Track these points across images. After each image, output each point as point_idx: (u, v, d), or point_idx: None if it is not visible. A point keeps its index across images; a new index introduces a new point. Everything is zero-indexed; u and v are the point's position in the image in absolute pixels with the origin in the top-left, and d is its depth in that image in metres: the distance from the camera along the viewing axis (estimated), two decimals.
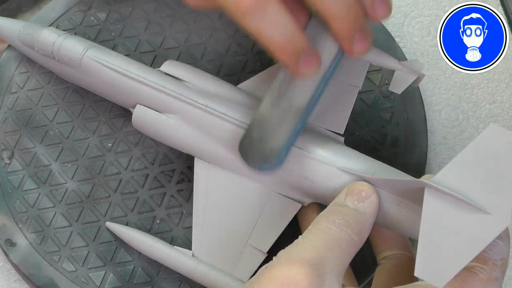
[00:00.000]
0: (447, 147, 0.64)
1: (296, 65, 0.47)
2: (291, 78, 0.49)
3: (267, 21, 0.45)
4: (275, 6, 0.44)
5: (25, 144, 0.61)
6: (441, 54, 0.62)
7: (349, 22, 0.47)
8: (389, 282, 0.48)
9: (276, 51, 0.46)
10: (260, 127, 0.50)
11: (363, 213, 0.45)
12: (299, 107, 0.49)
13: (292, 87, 0.49)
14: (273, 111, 0.49)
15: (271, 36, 0.45)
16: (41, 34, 0.59)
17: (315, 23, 0.49)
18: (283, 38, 0.45)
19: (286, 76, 0.50)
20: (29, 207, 0.59)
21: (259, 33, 0.45)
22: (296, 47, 0.46)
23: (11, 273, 0.60)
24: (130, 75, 0.56)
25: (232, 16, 0.45)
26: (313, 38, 0.49)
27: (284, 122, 0.49)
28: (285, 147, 0.49)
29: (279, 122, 0.49)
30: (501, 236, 0.42)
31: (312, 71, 0.48)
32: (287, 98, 0.49)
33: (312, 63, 0.47)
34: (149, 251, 0.56)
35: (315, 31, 0.49)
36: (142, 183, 0.60)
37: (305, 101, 0.49)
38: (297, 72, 0.47)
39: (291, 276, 0.40)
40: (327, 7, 0.46)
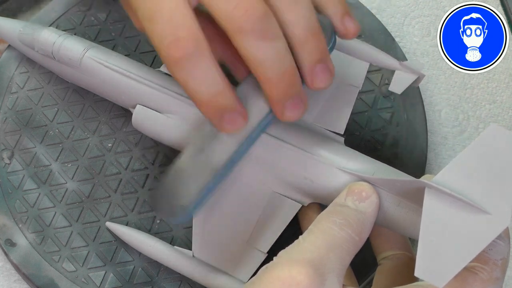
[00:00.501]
0: (447, 147, 0.64)
1: (220, 121, 0.46)
2: (215, 133, 0.48)
3: (195, 76, 0.44)
4: (205, 62, 0.44)
5: (25, 144, 0.61)
6: (441, 54, 0.63)
7: (282, 88, 0.45)
8: (390, 282, 0.48)
9: (200, 105, 0.45)
10: (174, 178, 0.48)
11: (364, 213, 0.45)
12: (216, 166, 0.47)
13: (214, 143, 0.48)
14: (190, 165, 0.48)
15: (196, 91, 0.44)
16: (41, 34, 0.59)
17: (251, 80, 0.47)
18: (209, 94, 0.45)
19: (210, 129, 0.48)
20: (29, 207, 0.59)
21: (186, 85, 0.44)
22: (221, 105, 0.45)
23: (11, 273, 0.60)
24: (130, 75, 0.56)
25: (163, 61, 0.44)
26: (246, 94, 0.48)
27: (197, 178, 0.47)
28: (194, 205, 0.48)
29: (193, 178, 0.47)
30: (501, 236, 0.42)
31: (237, 129, 0.46)
32: (206, 154, 0.48)
33: (237, 121, 0.46)
34: (149, 251, 0.56)
35: (250, 88, 0.48)
36: (142, 183, 0.60)
37: (223, 161, 0.47)
38: (221, 128, 0.46)
39: (292, 276, 0.40)
40: (261, 69, 0.45)
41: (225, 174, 0.48)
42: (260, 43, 0.44)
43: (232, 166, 0.48)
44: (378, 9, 0.67)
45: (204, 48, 0.43)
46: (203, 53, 0.44)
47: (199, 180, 0.47)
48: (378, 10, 0.67)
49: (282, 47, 0.44)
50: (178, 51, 0.43)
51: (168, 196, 0.48)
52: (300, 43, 0.45)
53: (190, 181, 0.47)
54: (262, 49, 0.44)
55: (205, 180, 0.47)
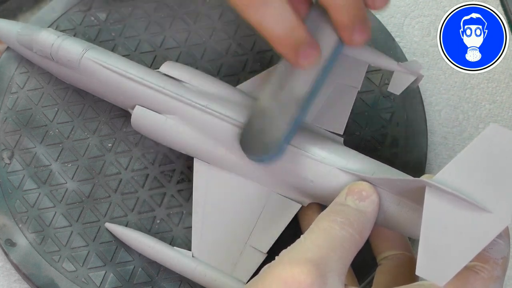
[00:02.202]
0: (447, 147, 0.64)
1: (296, 57, 0.47)
2: (291, 70, 0.50)
3: (269, 14, 0.45)
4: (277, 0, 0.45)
5: (25, 144, 0.61)
6: (441, 54, 0.62)
7: (350, 13, 0.47)
8: (390, 282, 0.48)
9: (276, 43, 0.47)
10: (260, 118, 0.50)
11: (364, 212, 0.45)
12: (299, 99, 0.49)
13: (292, 78, 0.50)
14: (273, 103, 0.50)
15: (272, 29, 0.46)
16: (40, 36, 0.59)
17: (315, 13, 0.49)
18: (284, 31, 0.46)
19: (286, 67, 0.50)
20: (29, 207, 0.59)
21: (261, 25, 0.46)
22: (297, 40, 0.47)
23: (11, 273, 0.60)
24: (129, 76, 0.56)
25: (235, 7, 0.45)
26: (313, 29, 0.49)
27: (284, 113, 0.49)
28: (285, 138, 0.49)
29: (279, 113, 0.49)
30: (501, 235, 0.42)
31: (312, 63, 0.48)
32: (287, 90, 0.50)
33: (312, 55, 0.48)
34: (149, 252, 0.56)
35: (315, 22, 0.49)
36: (142, 183, 0.60)
37: (304, 93, 0.49)
38: (297, 64, 0.48)
39: (293, 275, 0.40)
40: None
41: (307, 106, 0.50)
42: None
43: (312, 99, 0.50)
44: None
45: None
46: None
47: (286, 114, 0.49)
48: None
49: None
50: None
51: (258, 135, 0.50)
52: None
53: (277, 116, 0.49)
54: None
55: (291, 112, 0.49)
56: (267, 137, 0.49)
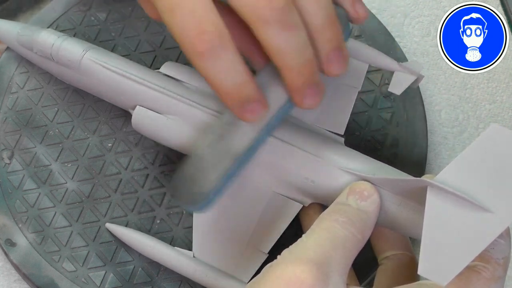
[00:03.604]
0: (447, 147, 0.64)
1: (240, 111, 0.46)
2: (234, 121, 0.48)
3: (218, 68, 0.44)
4: (229, 54, 0.44)
5: (25, 144, 0.61)
6: (441, 54, 0.63)
7: (303, 77, 0.46)
8: (391, 282, 0.48)
9: (222, 96, 0.46)
10: (192, 166, 0.48)
11: (366, 211, 0.45)
12: (236, 153, 0.48)
13: (233, 130, 0.48)
14: (209, 152, 0.48)
15: (219, 82, 0.45)
16: (40, 36, 0.59)
17: (269, 69, 0.48)
18: (232, 86, 0.45)
19: (229, 118, 0.48)
20: (29, 207, 0.59)
21: (209, 77, 0.45)
22: (244, 96, 0.45)
23: (11, 273, 0.60)
24: (129, 76, 0.55)
25: (186, 55, 0.44)
26: (265, 83, 0.48)
27: (217, 165, 0.48)
28: (213, 192, 0.48)
29: (213, 165, 0.48)
30: (503, 235, 0.42)
31: (256, 119, 0.47)
32: (225, 142, 0.48)
33: (257, 111, 0.46)
34: (149, 252, 0.56)
35: (268, 77, 0.48)
36: (142, 183, 0.60)
37: (243, 148, 0.48)
38: (240, 117, 0.47)
39: (296, 275, 0.40)
40: (283, 58, 0.45)
41: (245, 161, 0.48)
42: (283, 33, 0.44)
43: (251, 154, 0.49)
44: (378, 9, 0.68)
45: (228, 40, 0.44)
46: (227, 45, 0.44)
47: (220, 167, 0.47)
48: (378, 10, 0.67)
49: (304, 36, 0.45)
50: (202, 44, 0.43)
51: (188, 183, 0.48)
52: (318, 32, 0.46)
53: (210, 168, 0.47)
54: (284, 39, 0.44)
55: (226, 166, 0.47)
56: (197, 187, 0.48)
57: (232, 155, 0.47)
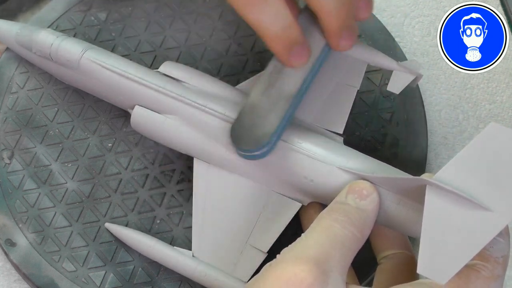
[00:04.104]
0: (447, 147, 0.64)
1: (288, 56, 0.48)
2: (281, 69, 0.51)
3: (266, 13, 0.46)
4: None
5: (25, 144, 0.61)
6: (441, 54, 0.62)
7: (340, 20, 0.48)
8: (390, 281, 0.48)
9: (271, 41, 0.48)
10: (251, 113, 0.51)
11: (365, 210, 0.45)
12: (288, 96, 0.50)
13: (282, 77, 0.51)
14: (263, 99, 0.51)
15: (268, 27, 0.47)
16: (39, 36, 0.59)
17: (305, 16, 0.50)
18: (280, 30, 0.47)
19: (276, 67, 0.51)
20: (29, 207, 0.59)
21: (259, 23, 0.47)
22: (291, 39, 0.48)
23: (11, 273, 0.60)
24: (128, 76, 0.55)
25: (233, 5, 0.46)
26: (304, 29, 0.50)
27: (274, 109, 0.50)
28: (275, 133, 0.50)
29: (269, 109, 0.50)
30: (502, 234, 0.42)
31: (302, 63, 0.49)
32: (277, 87, 0.51)
33: (303, 55, 0.49)
34: (149, 252, 0.56)
35: (305, 24, 0.50)
36: (142, 183, 0.60)
37: (293, 90, 0.50)
38: (288, 63, 0.49)
39: (295, 273, 0.40)
40: (321, 3, 0.47)
41: (297, 104, 0.51)
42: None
43: (301, 96, 0.51)
44: (378, 9, 0.68)
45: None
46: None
47: (275, 109, 0.50)
48: (378, 10, 0.67)
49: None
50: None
51: (249, 129, 0.50)
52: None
53: (267, 112, 0.50)
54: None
55: (281, 108, 0.50)
56: (258, 131, 0.50)
57: (287, 98, 0.50)
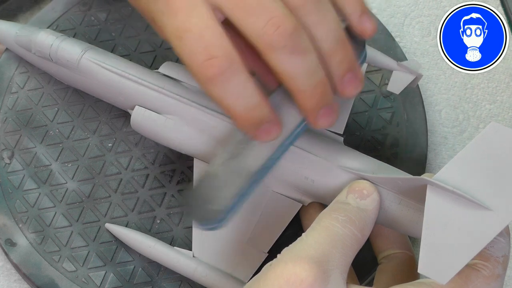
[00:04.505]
0: (447, 147, 0.64)
1: (254, 132, 0.46)
2: (248, 140, 0.48)
3: (229, 92, 0.44)
4: (240, 78, 0.44)
5: (25, 144, 0.61)
6: (441, 54, 0.63)
7: (315, 99, 0.46)
8: (390, 281, 0.48)
9: (236, 120, 0.45)
10: (207, 184, 0.48)
11: (365, 210, 0.45)
12: (250, 171, 0.48)
13: (248, 149, 0.48)
14: (223, 171, 0.48)
15: (232, 106, 0.45)
16: (38, 36, 0.59)
17: (281, 92, 0.48)
18: (244, 109, 0.45)
19: (243, 137, 0.48)
20: (29, 207, 0.59)
21: (221, 101, 0.44)
22: (256, 119, 0.45)
23: (11, 273, 0.60)
24: (128, 76, 0.55)
25: (196, 80, 0.44)
26: (278, 104, 0.48)
27: (232, 183, 0.47)
28: (228, 210, 0.47)
29: (228, 183, 0.48)
30: (502, 233, 0.42)
31: (271, 139, 0.47)
32: (241, 160, 0.48)
33: (271, 131, 0.46)
34: (149, 252, 0.55)
35: (281, 98, 0.48)
36: (143, 183, 0.60)
37: (257, 166, 0.48)
38: (255, 137, 0.47)
39: (296, 273, 0.40)
40: (294, 82, 0.45)
41: (259, 180, 0.48)
42: (292, 58, 0.44)
43: (266, 173, 0.48)
44: (378, 9, 0.68)
45: (238, 63, 0.43)
46: (237, 68, 0.43)
47: (234, 185, 0.47)
48: (378, 10, 0.67)
49: (314, 60, 0.44)
50: (212, 69, 0.43)
51: (202, 202, 0.48)
52: (329, 55, 0.45)
53: (225, 186, 0.47)
54: (294, 63, 0.44)
55: (240, 185, 0.47)
56: (211, 205, 0.47)
57: (247, 174, 0.47)
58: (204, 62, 0.43)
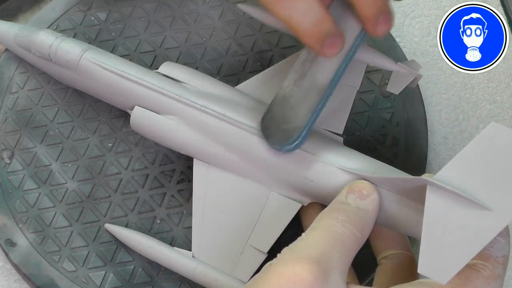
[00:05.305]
0: (447, 147, 0.64)
1: (321, 47, 0.48)
2: (314, 58, 0.50)
3: (297, 8, 0.46)
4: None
5: (25, 144, 0.61)
6: (441, 54, 0.62)
7: (376, 7, 0.48)
8: (390, 281, 0.48)
9: (304, 36, 0.48)
10: (282, 105, 0.50)
11: (365, 210, 0.45)
12: (321, 86, 0.50)
13: (315, 66, 0.50)
14: (295, 90, 0.50)
15: (300, 22, 0.47)
16: (38, 37, 0.59)
17: (338, 3, 0.50)
18: (312, 24, 0.47)
19: (309, 55, 0.50)
20: (29, 207, 0.59)
21: (290, 19, 0.47)
22: (323, 32, 0.47)
23: (11, 273, 0.60)
24: (128, 76, 0.56)
25: (264, 3, 0.46)
26: (336, 17, 0.49)
27: (306, 100, 0.50)
28: (307, 126, 0.49)
29: (301, 101, 0.50)
30: (502, 233, 0.42)
31: (336, 52, 0.49)
32: (310, 77, 0.50)
33: (336, 45, 0.48)
34: (149, 252, 0.55)
35: (338, 11, 0.50)
36: (142, 183, 0.60)
37: (327, 80, 0.50)
38: (322, 53, 0.49)
39: (296, 272, 0.40)
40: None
41: (329, 94, 0.50)
42: None
43: (334, 86, 0.50)
44: None
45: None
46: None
47: (308, 101, 0.49)
48: None
49: None
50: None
51: (280, 122, 0.50)
52: None
53: (300, 104, 0.49)
54: None
55: (314, 100, 0.49)
56: (289, 125, 0.50)
57: (318, 90, 0.49)
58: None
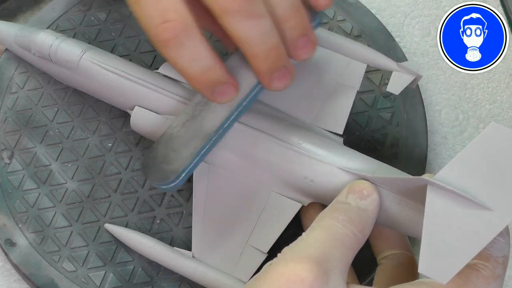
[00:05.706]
0: (447, 147, 0.64)
1: (211, 94, 0.48)
2: (206, 102, 0.50)
3: (183, 55, 0.45)
4: (194, 42, 0.45)
5: (25, 144, 0.61)
6: (441, 54, 0.63)
7: (268, 63, 0.47)
8: (390, 282, 0.48)
9: (191, 81, 0.47)
10: (166, 145, 0.50)
11: (365, 210, 0.45)
12: (207, 132, 0.49)
13: (206, 110, 0.50)
14: (181, 132, 0.50)
15: (187, 68, 0.46)
16: (38, 37, 0.59)
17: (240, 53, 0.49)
18: (199, 72, 0.46)
19: (202, 98, 0.50)
20: (29, 207, 0.59)
21: (175, 64, 0.46)
22: (211, 80, 0.47)
23: (11, 273, 0.60)
24: (128, 76, 0.56)
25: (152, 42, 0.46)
26: (236, 66, 0.49)
27: (189, 144, 0.49)
28: (185, 170, 0.49)
29: (185, 144, 0.49)
30: (502, 234, 0.42)
31: (227, 100, 0.48)
32: (198, 121, 0.50)
33: (228, 93, 0.48)
34: (148, 252, 0.55)
35: (238, 61, 0.50)
36: (142, 183, 0.60)
37: (214, 127, 0.49)
38: (212, 100, 0.48)
39: (296, 272, 0.40)
40: (248, 46, 0.46)
41: (216, 141, 0.50)
42: (246, 22, 0.45)
43: (223, 133, 0.50)
44: (378, 9, 0.68)
45: (192, 27, 0.45)
46: (191, 32, 0.45)
47: (191, 145, 0.49)
48: (378, 10, 0.68)
49: (268, 24, 0.46)
50: (166, 33, 0.45)
51: (160, 162, 0.49)
52: (283, 20, 0.47)
53: (182, 147, 0.49)
54: (248, 28, 0.45)
55: (197, 145, 0.49)
56: (169, 166, 0.49)
57: (205, 134, 0.49)
58: (159, 26, 0.45)
